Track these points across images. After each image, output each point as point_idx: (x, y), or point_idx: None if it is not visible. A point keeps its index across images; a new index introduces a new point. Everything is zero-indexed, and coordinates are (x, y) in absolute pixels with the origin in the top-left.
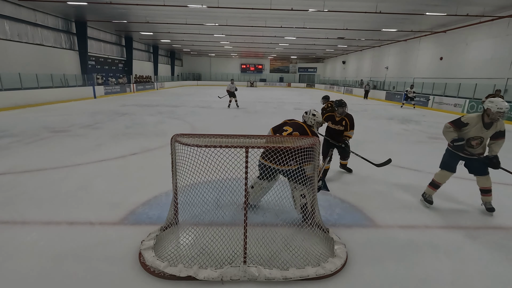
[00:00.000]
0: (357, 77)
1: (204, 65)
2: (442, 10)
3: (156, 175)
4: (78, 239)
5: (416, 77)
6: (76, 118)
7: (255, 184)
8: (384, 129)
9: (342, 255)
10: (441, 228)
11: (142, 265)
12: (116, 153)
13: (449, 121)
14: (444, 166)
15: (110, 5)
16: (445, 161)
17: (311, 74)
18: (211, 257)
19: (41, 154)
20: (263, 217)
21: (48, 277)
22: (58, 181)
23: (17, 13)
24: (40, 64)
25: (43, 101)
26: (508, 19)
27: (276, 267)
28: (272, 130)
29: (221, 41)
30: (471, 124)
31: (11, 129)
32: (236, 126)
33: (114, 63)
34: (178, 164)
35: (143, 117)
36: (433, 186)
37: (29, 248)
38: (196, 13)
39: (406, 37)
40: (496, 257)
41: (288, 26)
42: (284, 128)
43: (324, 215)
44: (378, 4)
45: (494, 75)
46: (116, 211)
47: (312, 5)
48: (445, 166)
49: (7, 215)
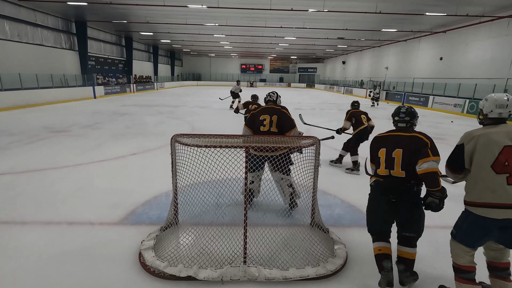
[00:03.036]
0: (357, 77)
1: (204, 65)
2: (442, 10)
3: (156, 175)
4: (78, 239)
5: (416, 77)
6: (76, 118)
7: (253, 178)
8: (384, 129)
9: (342, 255)
10: (441, 228)
11: (142, 265)
12: (116, 153)
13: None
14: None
15: (110, 5)
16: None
17: (311, 74)
18: (211, 257)
19: (41, 154)
20: (263, 217)
21: (48, 277)
22: (58, 181)
23: (17, 13)
24: (40, 64)
25: (43, 101)
26: (508, 19)
27: (276, 267)
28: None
29: (221, 41)
30: None
31: (11, 129)
32: (236, 126)
33: (114, 63)
34: (178, 164)
35: (143, 117)
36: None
37: (29, 248)
38: (196, 13)
39: (406, 37)
40: None
41: (288, 26)
42: (261, 118)
43: (324, 215)
44: (378, 4)
45: (494, 75)
46: (116, 211)
47: (312, 5)
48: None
49: (7, 215)
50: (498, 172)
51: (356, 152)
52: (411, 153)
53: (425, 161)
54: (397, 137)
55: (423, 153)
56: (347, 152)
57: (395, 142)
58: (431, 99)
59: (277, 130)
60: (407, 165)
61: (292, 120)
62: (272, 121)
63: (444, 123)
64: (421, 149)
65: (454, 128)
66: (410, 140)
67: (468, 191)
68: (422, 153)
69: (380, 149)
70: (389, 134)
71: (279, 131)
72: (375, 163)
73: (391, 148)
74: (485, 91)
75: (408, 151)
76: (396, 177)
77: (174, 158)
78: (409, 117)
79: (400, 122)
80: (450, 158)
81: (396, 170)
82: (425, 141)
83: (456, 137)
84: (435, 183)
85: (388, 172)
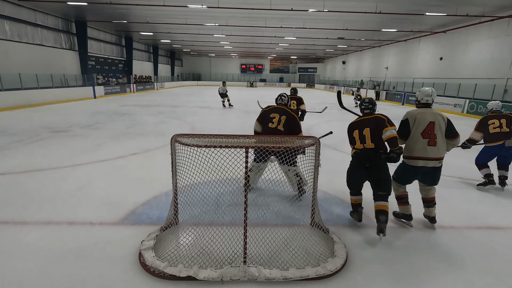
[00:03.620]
0: (357, 77)
1: (204, 65)
2: (442, 10)
3: (156, 175)
4: (78, 239)
5: (416, 77)
6: (76, 118)
7: (252, 167)
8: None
9: (342, 255)
10: (441, 228)
11: (142, 265)
12: (116, 153)
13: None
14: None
15: (110, 5)
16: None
17: (311, 74)
18: (211, 257)
19: (41, 154)
20: (263, 217)
21: (48, 277)
22: (58, 181)
23: (17, 13)
24: (40, 64)
25: (43, 101)
26: (508, 19)
27: (276, 267)
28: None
29: (221, 41)
30: None
31: (11, 129)
32: (236, 126)
33: (114, 63)
34: (178, 164)
35: (143, 117)
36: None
37: (29, 248)
38: (196, 13)
39: (406, 37)
40: (495, 257)
41: (288, 26)
42: (271, 116)
43: (324, 215)
44: (378, 4)
45: (494, 75)
46: (116, 211)
47: (312, 5)
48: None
49: (7, 215)
50: (424, 137)
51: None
52: (375, 129)
53: (386, 130)
54: (364, 120)
55: (383, 126)
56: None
57: (364, 124)
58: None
59: (283, 129)
60: (375, 138)
61: (299, 126)
62: (280, 120)
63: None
64: (382, 124)
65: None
66: (373, 120)
67: (406, 150)
68: (383, 126)
69: (354, 131)
70: (359, 120)
71: (284, 131)
72: (352, 142)
73: (362, 128)
74: (485, 91)
75: (373, 128)
76: (369, 148)
77: (174, 158)
78: (371, 105)
79: (365, 109)
80: (400, 130)
81: (368, 143)
82: (382, 118)
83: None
84: (395, 144)
85: (363, 146)
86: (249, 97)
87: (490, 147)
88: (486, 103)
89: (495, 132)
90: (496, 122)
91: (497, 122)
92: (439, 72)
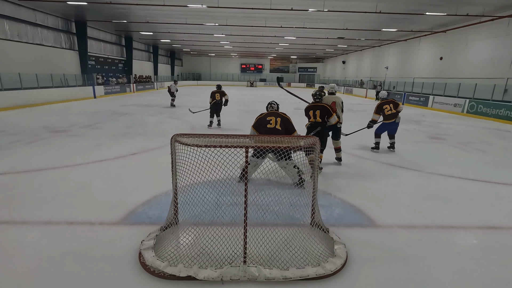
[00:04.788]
0: (357, 77)
1: (204, 65)
2: (442, 10)
3: (156, 175)
4: (78, 239)
5: (416, 77)
6: (76, 118)
7: (250, 161)
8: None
9: (342, 255)
10: (441, 228)
11: (142, 265)
12: (116, 153)
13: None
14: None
15: (110, 5)
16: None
17: (311, 74)
18: (211, 257)
19: (41, 154)
20: (263, 217)
21: (48, 277)
22: (58, 181)
23: (17, 13)
24: (40, 64)
25: (43, 101)
26: (508, 19)
27: (276, 267)
28: (256, 125)
29: (221, 41)
30: None
31: (11, 129)
32: (236, 126)
33: (114, 63)
34: (178, 164)
35: (143, 117)
36: None
37: (29, 248)
38: (196, 13)
39: (406, 37)
40: (495, 257)
41: (288, 26)
42: (267, 119)
43: (324, 215)
44: (378, 4)
45: (494, 75)
46: (116, 211)
47: (312, 5)
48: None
49: (7, 215)
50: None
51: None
52: (322, 112)
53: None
54: (315, 105)
55: (328, 112)
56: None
57: (315, 107)
58: (431, 99)
59: (280, 128)
60: (322, 116)
61: (293, 125)
62: (277, 121)
63: (444, 123)
64: (326, 109)
65: (454, 128)
66: (321, 107)
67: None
68: (328, 112)
69: (310, 111)
70: (312, 104)
71: (282, 130)
72: (308, 117)
73: (314, 110)
74: (485, 91)
75: (321, 111)
76: (318, 122)
77: (174, 158)
78: (320, 97)
79: (317, 98)
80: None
81: (317, 119)
82: (326, 107)
83: (456, 137)
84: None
85: (315, 120)
86: (249, 97)
87: (385, 124)
88: (486, 103)
89: (389, 114)
90: (388, 107)
91: (388, 106)
92: (439, 71)
